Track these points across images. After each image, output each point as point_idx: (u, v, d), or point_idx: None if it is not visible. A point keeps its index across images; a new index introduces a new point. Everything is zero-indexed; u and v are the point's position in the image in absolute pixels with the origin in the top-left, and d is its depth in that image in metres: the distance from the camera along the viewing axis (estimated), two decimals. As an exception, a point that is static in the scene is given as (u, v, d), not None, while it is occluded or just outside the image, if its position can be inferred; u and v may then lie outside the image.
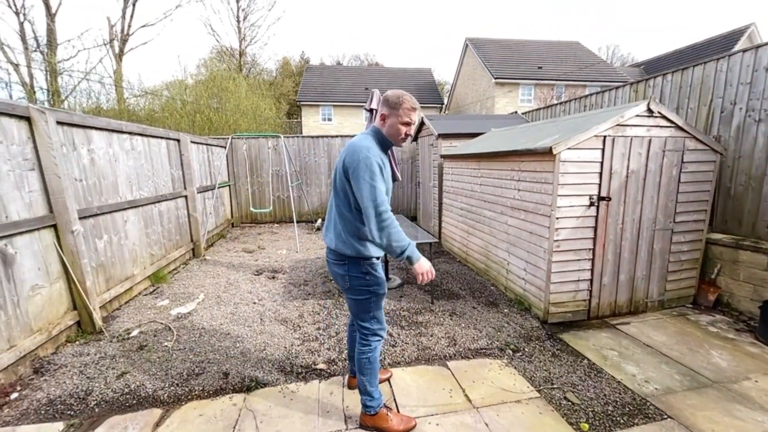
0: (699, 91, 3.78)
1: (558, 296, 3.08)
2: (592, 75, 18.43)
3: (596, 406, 2.06)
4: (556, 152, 2.83)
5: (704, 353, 2.61)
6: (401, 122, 1.63)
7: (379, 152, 1.64)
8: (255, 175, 7.81)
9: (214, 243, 6.34)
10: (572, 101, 5.90)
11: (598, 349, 2.69)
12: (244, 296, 3.80)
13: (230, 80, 17.47)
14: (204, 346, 2.78)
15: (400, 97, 1.61)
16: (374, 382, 1.83)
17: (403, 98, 1.61)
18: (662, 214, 3.22)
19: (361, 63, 38.19)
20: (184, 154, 5.13)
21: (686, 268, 3.42)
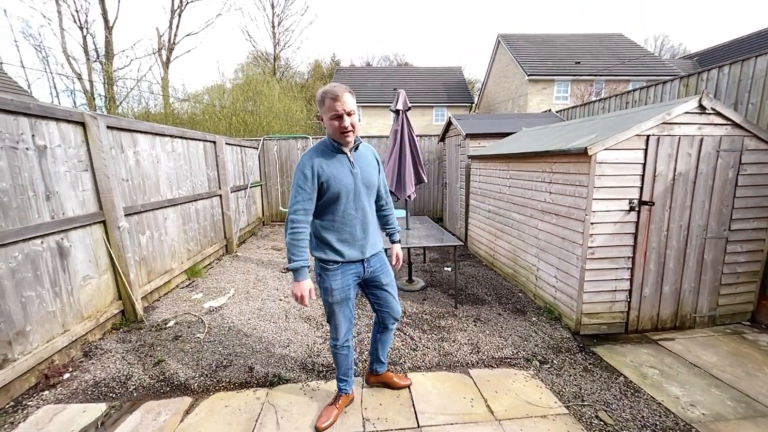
0: (762, 85, 3.38)
1: (592, 306, 2.89)
2: (636, 69, 17.18)
3: (632, 428, 1.90)
4: (592, 153, 2.66)
5: (764, 377, 2.33)
6: (330, 118, 1.60)
7: (315, 159, 1.64)
8: (285, 176, 8.07)
9: (245, 240, 6.63)
10: (612, 98, 5.52)
11: (637, 365, 2.49)
12: (272, 293, 3.93)
13: (264, 84, 18.21)
14: (232, 339, 2.90)
15: (320, 93, 1.59)
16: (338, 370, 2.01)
17: (323, 92, 1.58)
18: (715, 221, 2.92)
19: (390, 63, 38.29)
20: (219, 155, 5.40)
21: (743, 281, 3.08)
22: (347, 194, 1.69)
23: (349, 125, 1.60)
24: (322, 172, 1.63)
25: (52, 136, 2.55)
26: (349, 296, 1.83)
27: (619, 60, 17.68)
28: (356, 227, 1.75)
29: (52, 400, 2.17)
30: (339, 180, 1.66)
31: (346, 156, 1.70)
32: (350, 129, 1.61)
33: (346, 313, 1.86)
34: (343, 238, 1.74)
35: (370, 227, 1.81)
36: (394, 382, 2.23)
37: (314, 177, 1.62)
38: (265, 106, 17.17)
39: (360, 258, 1.78)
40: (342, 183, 1.67)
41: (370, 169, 1.79)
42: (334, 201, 1.68)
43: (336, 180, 1.65)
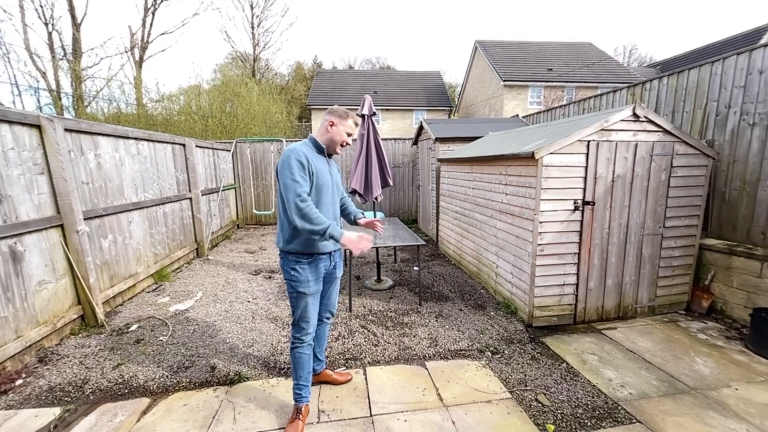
0: (694, 95, 3.73)
1: (543, 300, 3.09)
2: (604, 76, 18.10)
3: (566, 408, 2.08)
4: (539, 157, 2.86)
5: (688, 360, 2.58)
6: (346, 132, 1.91)
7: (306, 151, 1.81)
8: (260, 178, 8.03)
9: (218, 243, 6.56)
10: (572, 104, 5.87)
11: (579, 353, 2.69)
12: (240, 295, 3.95)
13: (242, 85, 17.96)
14: (196, 341, 2.92)
15: (346, 111, 1.91)
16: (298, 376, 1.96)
17: (349, 113, 1.92)
18: (651, 219, 3.19)
19: (372, 66, 38.54)
20: (189, 158, 5.35)
21: (678, 274, 3.38)
22: (327, 189, 1.89)
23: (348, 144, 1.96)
24: (312, 164, 1.81)
25: (5, 139, 2.51)
26: (321, 288, 1.96)
27: (588, 68, 18.58)
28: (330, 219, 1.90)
29: (3, 406, 2.14)
30: (323, 174, 1.87)
31: (326, 159, 1.96)
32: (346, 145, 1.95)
33: (317, 305, 1.95)
34: None
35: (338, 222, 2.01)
36: (333, 379, 2.31)
37: (308, 166, 1.79)
38: (243, 108, 16.94)
39: (332, 249, 1.94)
40: (324, 178, 1.88)
41: (337, 176, 2.07)
42: (319, 193, 1.85)
43: (321, 174, 1.86)
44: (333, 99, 20.63)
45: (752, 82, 3.19)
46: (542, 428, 1.92)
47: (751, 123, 3.19)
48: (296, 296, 1.88)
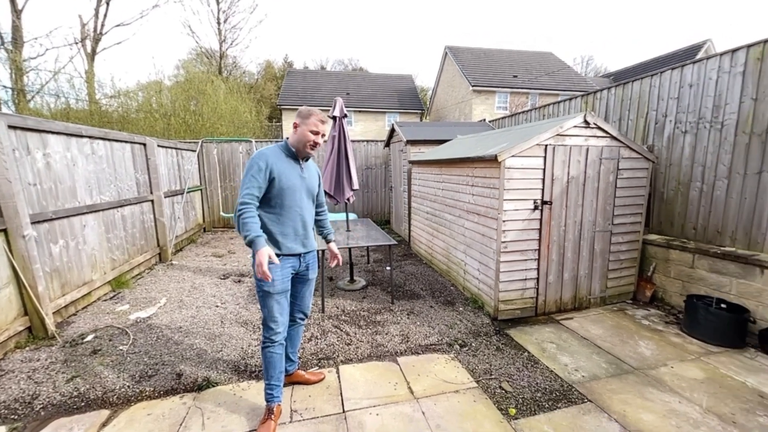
0: (637, 105, 4.12)
1: (507, 294, 3.28)
2: (564, 84, 19.29)
3: (526, 393, 2.24)
4: (501, 159, 3.04)
5: (633, 344, 2.85)
6: (311, 131, 1.89)
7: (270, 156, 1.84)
8: (228, 180, 7.77)
9: (183, 248, 6.27)
10: (533, 110, 6.24)
11: (539, 342, 2.89)
12: (208, 299, 3.82)
13: (208, 83, 17.25)
14: (160, 349, 2.80)
15: (308, 109, 1.90)
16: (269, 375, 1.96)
17: (313, 112, 1.90)
18: (601, 217, 3.49)
19: (345, 67, 38.42)
20: (150, 158, 5.09)
21: (625, 267, 3.71)
22: (294, 192, 1.90)
23: (318, 144, 1.94)
24: (274, 167, 1.84)
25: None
26: (288, 288, 1.94)
27: (550, 76, 19.72)
28: (298, 223, 1.96)
29: (-65, 429, 1.94)
30: (289, 178, 1.88)
31: (298, 163, 1.97)
32: (316, 146, 1.93)
33: (285, 306, 1.95)
34: (285, 232, 1.92)
35: (309, 227, 2.04)
36: (306, 380, 2.32)
37: (267, 170, 1.81)
38: (209, 107, 16.27)
39: (300, 251, 1.97)
40: (291, 181, 1.89)
41: (313, 179, 2.06)
42: (283, 196, 1.87)
43: (286, 177, 1.87)
44: (304, 99, 20.36)
45: (684, 95, 3.59)
46: (505, 412, 2.05)
47: (684, 131, 3.59)
48: (262, 295, 1.89)
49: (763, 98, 2.96)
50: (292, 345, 2.21)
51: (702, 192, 3.43)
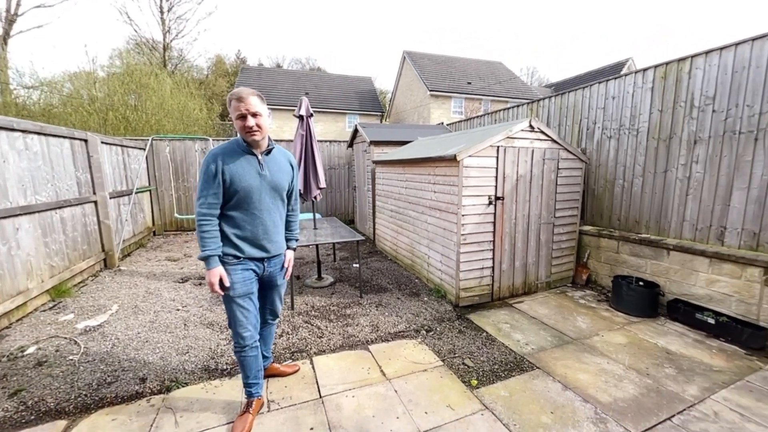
0: (572, 113, 4.70)
1: (466, 282, 3.57)
2: (513, 92, 20.81)
3: (486, 366, 2.50)
4: (460, 159, 3.33)
5: (572, 319, 3.28)
6: (236, 117, 1.70)
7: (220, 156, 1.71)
8: (181, 180, 7.33)
9: (131, 253, 5.81)
10: (486, 115, 6.75)
11: (496, 323, 3.21)
12: (166, 304, 3.64)
13: (152, 76, 15.96)
14: (118, 355, 2.64)
15: (228, 96, 1.71)
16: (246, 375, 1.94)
17: (230, 95, 1.71)
18: (546, 211, 3.93)
19: (302, 66, 37.63)
20: (93, 155, 4.68)
21: (566, 255, 4.21)
22: (250, 194, 1.74)
23: (254, 125, 1.68)
24: (226, 168, 1.69)
25: None
26: (251, 290, 1.84)
27: (500, 84, 21.17)
28: (258, 227, 1.80)
29: None
30: (244, 179, 1.72)
31: (255, 158, 1.77)
32: (256, 129, 1.69)
33: (251, 308, 1.85)
34: (243, 236, 1.79)
35: (273, 229, 1.87)
36: (281, 372, 2.34)
37: (218, 173, 1.68)
38: (153, 102, 15.08)
39: (261, 256, 1.84)
40: (246, 182, 1.73)
41: (280, 174, 1.85)
42: (238, 198, 1.73)
43: (240, 178, 1.71)
44: (261, 98, 19.65)
45: (608, 105, 4.18)
46: (468, 384, 2.29)
47: (609, 136, 4.18)
48: (224, 298, 1.82)
49: (666, 110, 3.58)
50: (265, 343, 2.21)
51: (623, 188, 4.03)
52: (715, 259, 3.10)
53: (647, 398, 2.15)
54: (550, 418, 1.98)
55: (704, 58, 3.28)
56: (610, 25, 59.78)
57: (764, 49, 2.89)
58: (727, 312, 3.00)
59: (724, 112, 3.14)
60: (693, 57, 3.36)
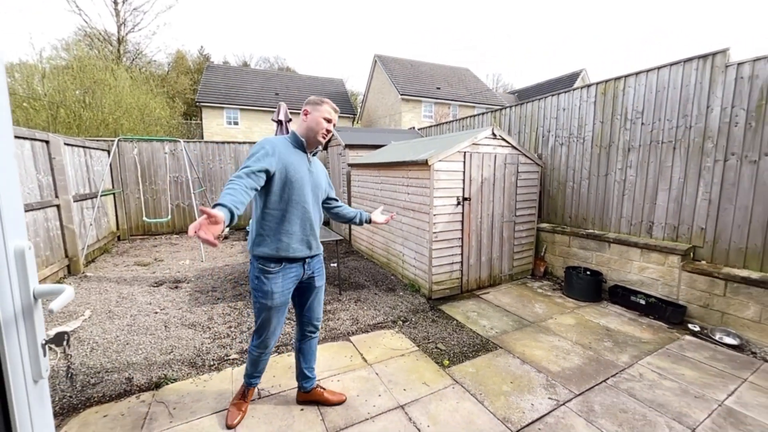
0: (530, 121, 5.20)
1: (438, 277, 3.89)
2: (479, 98, 21.81)
3: (456, 349, 2.80)
4: (431, 163, 3.63)
5: (531, 306, 3.69)
6: (324, 119, 1.75)
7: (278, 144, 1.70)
8: (148, 182, 7.08)
9: (95, 259, 5.57)
10: (454, 121, 7.19)
11: (465, 312, 3.54)
12: (143, 308, 3.61)
13: (107, 71, 15.05)
14: (98, 359, 2.65)
15: (321, 98, 1.78)
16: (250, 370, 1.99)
17: (325, 101, 1.78)
18: (507, 210, 4.35)
19: (271, 66, 36.84)
20: (55, 157, 4.49)
21: (526, 249, 4.67)
22: (303, 186, 1.72)
23: (329, 131, 1.80)
24: (282, 156, 1.66)
25: None
26: (287, 300, 1.81)
27: (467, 90, 22.14)
28: (306, 222, 1.76)
29: None
30: (297, 170, 1.71)
31: (306, 155, 1.80)
32: (328, 135, 1.80)
33: (281, 318, 1.84)
34: (291, 231, 1.72)
35: (316, 225, 1.84)
36: (325, 399, 2.10)
37: (274, 154, 1.63)
38: (110, 99, 14.23)
39: (306, 255, 1.78)
40: (300, 174, 1.71)
41: (321, 175, 1.89)
42: (290, 189, 1.68)
43: (295, 169, 1.69)
44: (228, 97, 19.13)
45: (560, 116, 4.70)
46: (441, 364, 2.57)
47: (561, 143, 4.69)
48: (258, 307, 1.77)
49: (606, 121, 4.12)
50: (306, 360, 2.06)
51: (573, 189, 4.55)
52: (645, 249, 3.64)
53: (589, 366, 2.55)
54: (510, 387, 2.30)
55: (635, 78, 3.84)
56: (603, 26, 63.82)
57: (678, 73, 3.46)
58: (655, 294, 3.54)
59: (650, 124, 3.71)
60: (626, 77, 3.92)
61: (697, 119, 3.33)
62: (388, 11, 71.73)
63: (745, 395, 2.23)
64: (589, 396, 2.22)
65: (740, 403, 2.15)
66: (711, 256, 3.30)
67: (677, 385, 2.33)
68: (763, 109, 2.93)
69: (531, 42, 66.61)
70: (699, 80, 3.32)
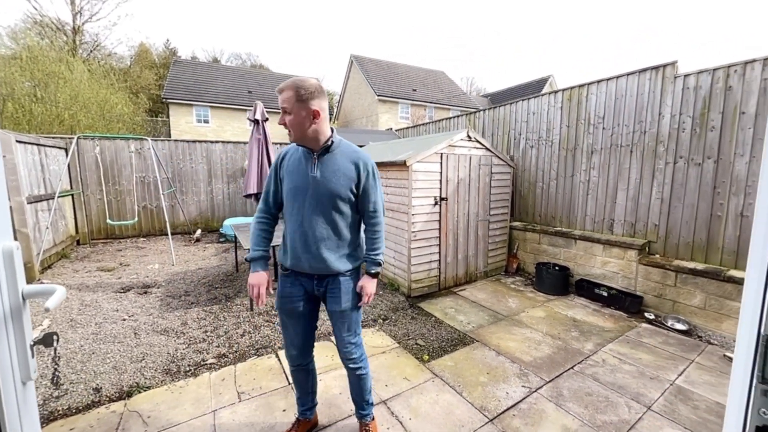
0: (503, 124, 5.42)
1: (417, 275, 3.97)
2: (454, 101, 22.34)
3: (435, 344, 2.89)
4: (409, 164, 3.71)
5: (504, 301, 3.87)
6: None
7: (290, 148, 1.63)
8: (111, 183, 6.68)
9: (52, 265, 5.19)
10: (430, 123, 7.35)
11: (443, 309, 3.64)
12: (109, 315, 3.43)
13: (62, 63, 14.04)
14: (61, 370, 2.49)
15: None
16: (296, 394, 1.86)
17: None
18: (482, 209, 4.52)
19: (243, 63, 35.74)
20: (5, 155, 4.15)
21: (499, 247, 4.87)
22: (294, 196, 1.53)
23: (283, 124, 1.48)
24: (285, 165, 1.57)
25: None
26: (296, 309, 1.61)
27: (442, 92, 22.60)
28: (297, 237, 1.54)
29: None
30: (292, 178, 1.53)
31: (312, 156, 1.52)
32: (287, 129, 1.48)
33: (296, 328, 1.66)
34: (289, 245, 1.60)
35: (317, 242, 1.53)
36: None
37: (278, 168, 1.58)
38: (65, 94, 13.28)
39: (304, 272, 1.59)
40: (293, 183, 1.52)
41: (336, 177, 1.50)
42: (286, 200, 1.58)
43: (290, 178, 1.53)
44: (198, 94, 18.36)
45: (530, 119, 4.94)
46: (421, 359, 2.64)
47: (531, 145, 4.94)
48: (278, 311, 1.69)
49: (572, 125, 4.39)
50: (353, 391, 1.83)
51: (543, 189, 4.81)
52: (607, 245, 3.91)
53: (558, 355, 2.72)
54: (486, 378, 2.42)
55: (596, 85, 4.13)
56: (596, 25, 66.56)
57: (635, 82, 3.76)
58: (616, 286, 3.82)
59: (611, 129, 4.00)
60: (589, 84, 4.20)
61: (651, 125, 3.64)
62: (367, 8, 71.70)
63: (692, 374, 2.47)
64: (559, 382, 2.38)
65: (688, 382, 2.39)
66: (664, 250, 3.62)
67: (635, 369, 2.54)
68: (706, 117, 3.25)
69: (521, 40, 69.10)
70: (652, 89, 3.62)
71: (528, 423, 2.01)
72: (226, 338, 2.96)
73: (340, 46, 67.58)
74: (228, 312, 3.49)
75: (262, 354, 2.73)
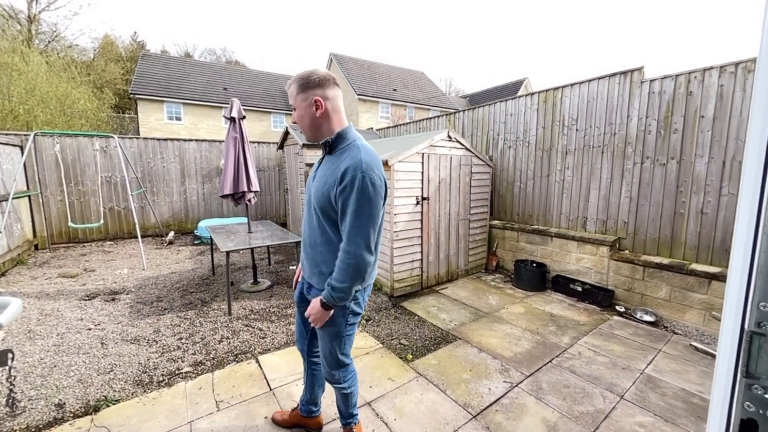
0: (482, 125, 5.53)
1: (399, 275, 3.98)
2: (434, 101, 22.60)
3: (419, 343, 2.90)
4: (391, 164, 3.70)
5: (485, 298, 3.94)
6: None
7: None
8: (73, 183, 6.25)
9: (6, 272, 4.80)
10: (411, 123, 7.38)
11: (425, 308, 3.67)
12: (72, 324, 3.20)
13: (15, 54, 13.05)
14: (18, 386, 2.29)
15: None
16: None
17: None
18: (463, 209, 4.59)
19: (217, 58, 34.56)
20: (-50, 152, 3.78)
21: (479, 245, 4.96)
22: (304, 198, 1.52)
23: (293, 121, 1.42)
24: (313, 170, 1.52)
25: None
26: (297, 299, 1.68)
27: (422, 93, 22.80)
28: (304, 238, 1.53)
29: None
30: (309, 181, 1.49)
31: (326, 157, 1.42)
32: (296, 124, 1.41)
33: (297, 317, 1.75)
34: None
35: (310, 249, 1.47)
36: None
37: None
38: (19, 87, 12.35)
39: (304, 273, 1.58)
40: (308, 184, 1.49)
41: (321, 182, 1.34)
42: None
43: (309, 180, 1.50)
44: (169, 90, 17.56)
45: (508, 121, 5.07)
46: (404, 359, 2.64)
47: (509, 146, 5.06)
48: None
49: (547, 127, 4.54)
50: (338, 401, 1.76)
51: (520, 189, 4.94)
52: (581, 242, 4.07)
53: (537, 349, 2.80)
54: (469, 374, 2.45)
55: (570, 88, 4.28)
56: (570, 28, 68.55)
57: (605, 86, 3.94)
58: (589, 281, 3.99)
59: (584, 130, 4.16)
60: (563, 87, 4.35)
61: (620, 127, 3.82)
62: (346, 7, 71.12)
63: (660, 363, 2.62)
64: (538, 376, 2.45)
65: (657, 370, 2.52)
66: (632, 246, 3.81)
67: (609, 360, 2.65)
68: (669, 120, 3.45)
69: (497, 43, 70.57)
70: (621, 93, 3.80)
71: (510, 417, 2.05)
72: (202, 345, 2.83)
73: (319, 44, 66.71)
74: (204, 317, 3.35)
75: (241, 360, 2.64)
